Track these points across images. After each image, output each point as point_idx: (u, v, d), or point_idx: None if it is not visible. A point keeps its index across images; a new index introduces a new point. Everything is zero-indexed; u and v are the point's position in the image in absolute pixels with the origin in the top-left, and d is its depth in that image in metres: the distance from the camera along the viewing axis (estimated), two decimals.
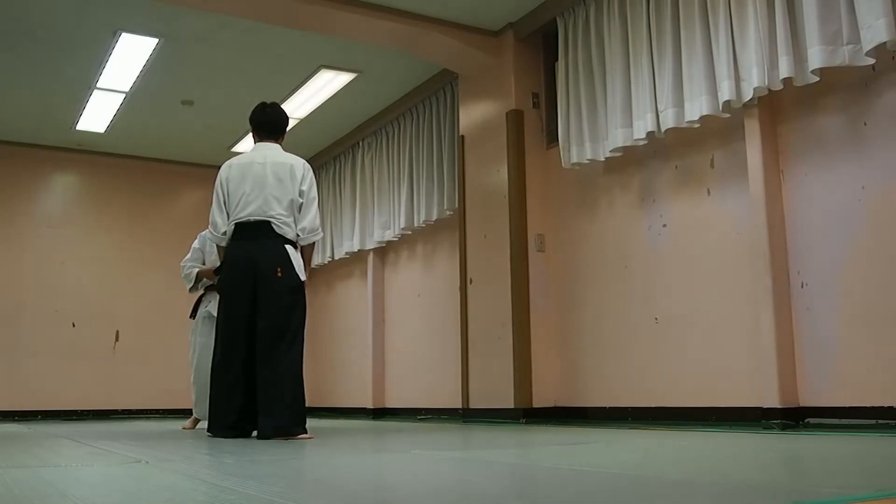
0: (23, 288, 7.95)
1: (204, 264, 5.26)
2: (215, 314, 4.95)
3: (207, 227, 4.10)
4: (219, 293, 3.96)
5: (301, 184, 3.88)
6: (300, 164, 3.94)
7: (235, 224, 3.85)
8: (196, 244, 5.38)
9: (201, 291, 5.30)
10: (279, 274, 3.75)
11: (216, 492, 1.70)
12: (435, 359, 6.39)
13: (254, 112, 4.11)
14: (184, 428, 5.23)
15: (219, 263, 4.79)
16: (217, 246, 4.04)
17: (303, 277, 3.83)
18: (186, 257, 5.33)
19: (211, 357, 4.96)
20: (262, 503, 1.48)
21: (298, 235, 3.87)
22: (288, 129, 4.18)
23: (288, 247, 3.81)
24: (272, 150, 3.98)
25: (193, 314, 5.36)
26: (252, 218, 3.81)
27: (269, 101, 4.20)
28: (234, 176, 3.89)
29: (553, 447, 2.98)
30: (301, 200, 3.88)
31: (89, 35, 5.67)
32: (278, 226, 3.80)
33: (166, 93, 6.73)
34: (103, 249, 8.36)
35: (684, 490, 1.64)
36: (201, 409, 5.21)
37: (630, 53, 4.52)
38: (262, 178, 3.84)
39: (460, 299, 5.75)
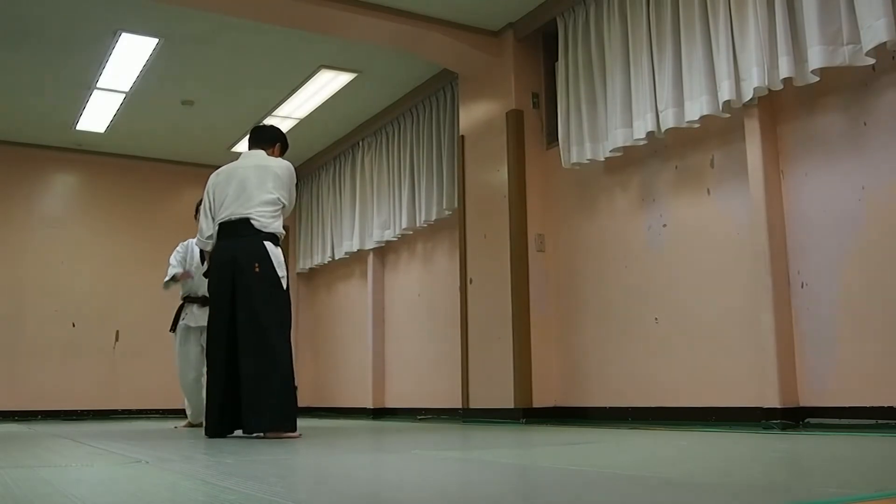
0: (23, 288, 7.95)
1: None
2: (191, 325, 5.22)
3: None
4: (208, 294, 4.04)
5: (279, 181, 3.96)
6: (282, 165, 4.04)
7: (219, 225, 3.94)
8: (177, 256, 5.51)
9: (178, 296, 5.44)
10: (257, 269, 3.79)
11: (216, 492, 1.70)
12: (435, 359, 6.39)
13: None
14: (176, 427, 5.34)
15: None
16: (201, 251, 4.12)
17: (282, 273, 3.85)
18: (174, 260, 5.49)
19: (186, 365, 5.39)
20: (262, 503, 1.48)
21: (278, 234, 3.91)
22: (285, 138, 4.31)
23: (267, 243, 3.85)
24: (257, 155, 4.11)
25: (173, 328, 5.45)
26: (233, 217, 3.89)
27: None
28: (220, 182, 4.02)
29: (553, 447, 2.98)
30: (278, 195, 3.93)
31: (89, 35, 5.66)
32: (257, 220, 3.85)
33: (166, 93, 6.73)
34: (103, 249, 8.35)
35: (684, 490, 1.64)
36: (192, 413, 5.39)
37: (630, 53, 4.52)
38: (244, 179, 3.94)
39: (460, 299, 5.75)
